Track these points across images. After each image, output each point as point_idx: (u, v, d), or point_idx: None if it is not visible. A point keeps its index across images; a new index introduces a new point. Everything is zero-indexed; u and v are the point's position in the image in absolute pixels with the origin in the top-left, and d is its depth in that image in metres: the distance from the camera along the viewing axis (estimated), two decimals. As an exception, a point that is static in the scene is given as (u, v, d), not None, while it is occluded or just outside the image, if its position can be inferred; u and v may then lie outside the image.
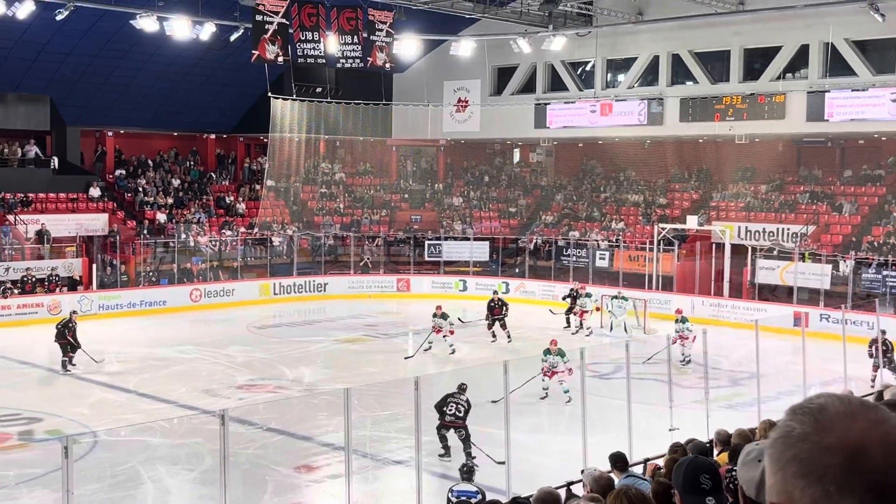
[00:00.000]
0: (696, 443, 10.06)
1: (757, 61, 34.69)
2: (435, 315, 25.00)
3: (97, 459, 15.49)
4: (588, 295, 29.29)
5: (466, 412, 15.25)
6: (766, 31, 33.38)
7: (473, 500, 11.06)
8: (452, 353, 24.48)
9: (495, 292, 29.46)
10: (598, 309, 29.56)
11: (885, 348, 21.23)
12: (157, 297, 32.14)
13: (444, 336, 24.70)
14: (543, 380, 19.75)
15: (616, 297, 29.09)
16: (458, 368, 22.22)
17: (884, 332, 21.70)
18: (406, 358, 24.47)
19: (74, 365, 22.56)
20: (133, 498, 14.15)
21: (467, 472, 11.62)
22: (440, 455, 15.30)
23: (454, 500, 11.08)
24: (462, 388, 15.63)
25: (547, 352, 19.97)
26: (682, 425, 14.51)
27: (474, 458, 14.27)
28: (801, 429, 1.50)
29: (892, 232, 31.40)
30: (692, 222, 34.23)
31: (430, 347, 24.75)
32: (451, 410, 15.28)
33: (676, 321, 24.59)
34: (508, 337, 26.69)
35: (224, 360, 24.26)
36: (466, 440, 15.08)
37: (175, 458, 15.84)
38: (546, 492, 7.06)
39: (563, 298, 30.64)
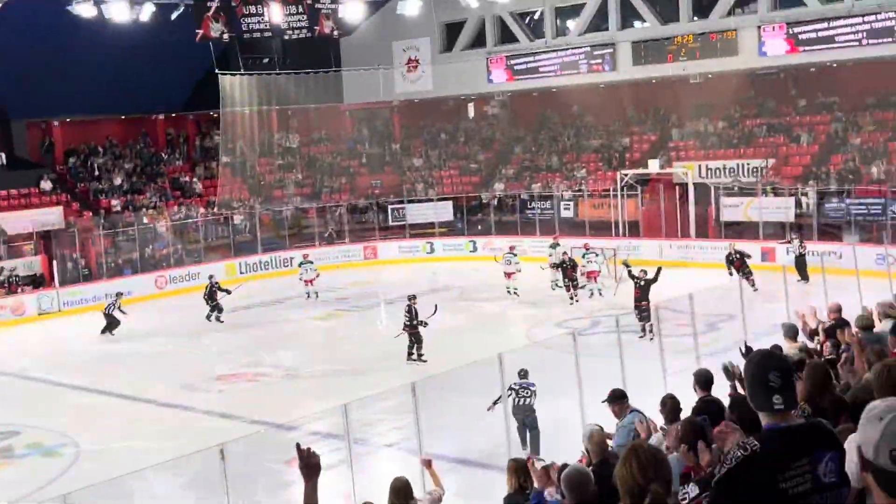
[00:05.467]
0: (702, 371, 9.30)
1: (706, -2, 34.44)
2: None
3: (83, 471, 15.16)
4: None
5: None
6: (712, -35, 33.13)
7: (532, 388, 13.91)
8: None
9: (565, 253, 27.49)
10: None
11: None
12: (121, 288, 31.44)
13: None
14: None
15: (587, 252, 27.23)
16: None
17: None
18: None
19: (222, 321, 26.56)
20: (125, 509, 13.88)
21: (524, 373, 13.98)
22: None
23: (517, 388, 13.77)
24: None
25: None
26: (674, 374, 14.44)
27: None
28: None
29: (851, 159, 31.52)
30: (653, 166, 34.12)
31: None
32: None
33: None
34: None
35: (199, 350, 23.95)
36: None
37: (164, 463, 15.53)
38: (575, 469, 6.04)
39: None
